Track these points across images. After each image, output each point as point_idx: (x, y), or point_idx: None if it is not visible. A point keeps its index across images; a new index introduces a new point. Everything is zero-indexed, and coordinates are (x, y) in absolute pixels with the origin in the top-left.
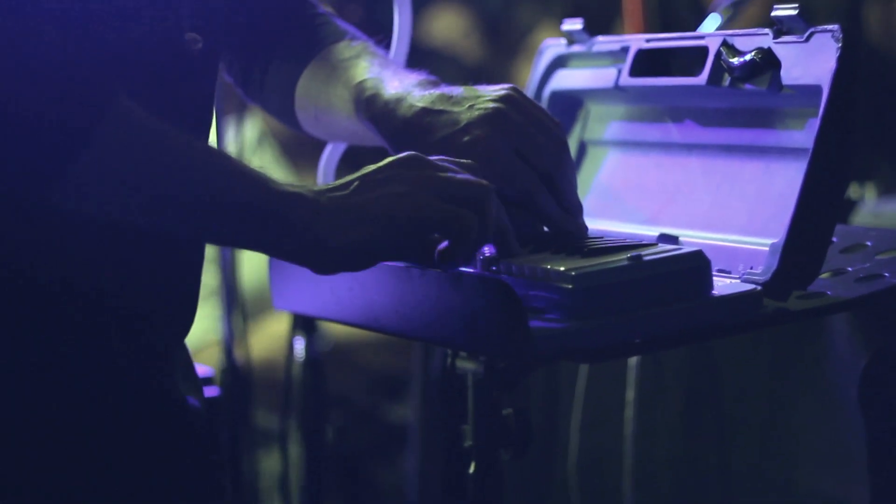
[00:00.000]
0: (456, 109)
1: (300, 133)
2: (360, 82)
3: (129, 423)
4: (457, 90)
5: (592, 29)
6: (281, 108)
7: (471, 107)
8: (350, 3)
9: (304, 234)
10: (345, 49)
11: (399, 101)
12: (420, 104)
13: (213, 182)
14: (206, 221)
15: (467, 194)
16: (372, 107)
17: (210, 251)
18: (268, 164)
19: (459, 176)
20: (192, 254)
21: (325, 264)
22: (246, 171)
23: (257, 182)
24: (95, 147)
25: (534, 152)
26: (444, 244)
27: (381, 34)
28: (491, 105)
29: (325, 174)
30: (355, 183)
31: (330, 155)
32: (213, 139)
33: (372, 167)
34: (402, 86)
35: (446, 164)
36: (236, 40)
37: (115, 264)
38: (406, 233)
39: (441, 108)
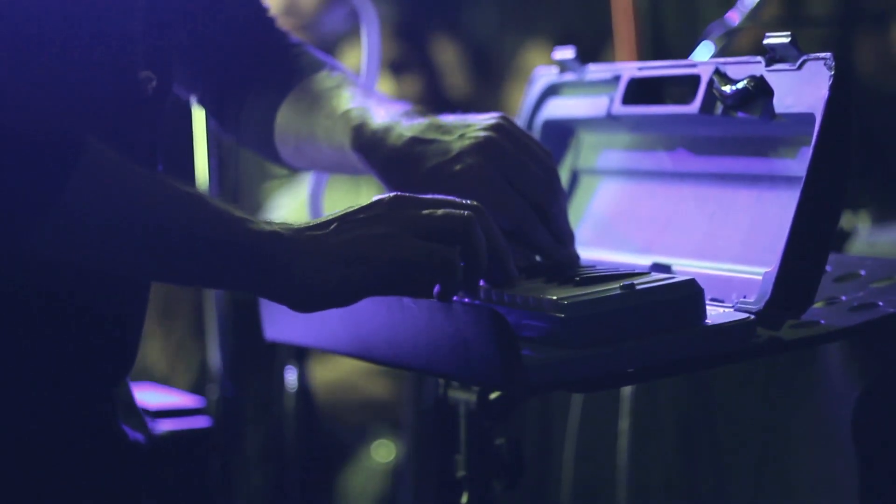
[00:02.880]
0: (446, 138)
1: (279, 165)
2: (346, 112)
3: (65, 459)
4: (447, 119)
5: (584, 56)
6: (259, 140)
7: (461, 136)
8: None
9: (282, 273)
10: (325, 79)
11: (388, 130)
12: (410, 133)
13: (187, 221)
14: (183, 263)
15: (449, 229)
16: (360, 136)
17: None
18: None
19: (441, 211)
20: (134, 299)
21: (303, 303)
22: (222, 210)
23: (233, 221)
24: (71, 191)
25: (525, 181)
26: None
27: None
28: (482, 134)
29: (312, 205)
30: (335, 223)
31: (315, 185)
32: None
33: (353, 207)
34: (389, 115)
35: (429, 200)
36: (211, 74)
37: (54, 307)
38: (386, 275)
39: (431, 137)
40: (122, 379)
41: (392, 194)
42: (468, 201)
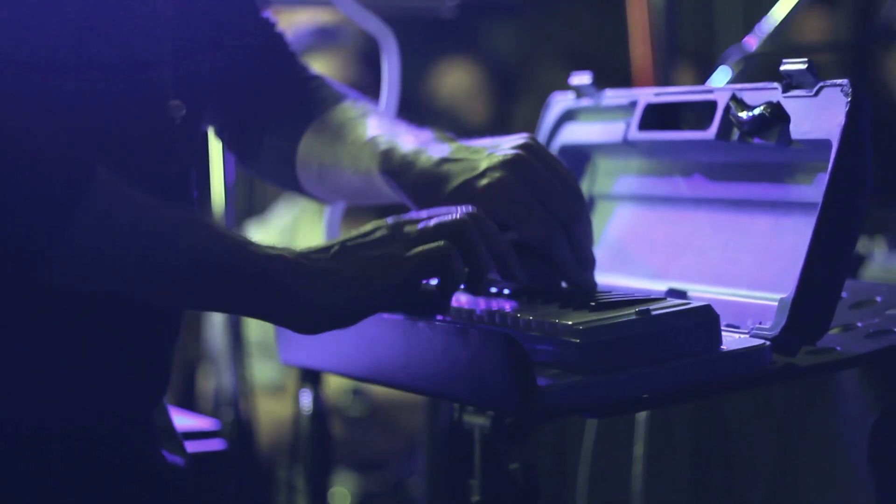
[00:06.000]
0: (474, 157)
1: (300, 195)
2: (373, 138)
3: (105, 483)
4: (475, 141)
5: (601, 82)
6: (280, 171)
7: (490, 154)
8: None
9: (286, 296)
10: (349, 108)
11: (418, 153)
12: (439, 155)
13: (194, 248)
14: (189, 288)
15: (444, 235)
16: (389, 160)
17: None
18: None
19: (433, 222)
20: (167, 318)
21: (308, 325)
22: (226, 235)
23: (237, 246)
24: (79, 223)
25: (552, 199)
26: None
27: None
28: (510, 151)
29: (329, 235)
30: (336, 247)
31: (331, 214)
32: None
33: (354, 232)
34: (418, 140)
35: (423, 214)
36: (231, 107)
37: (88, 334)
38: (389, 295)
39: (460, 156)
40: (157, 401)
41: (391, 218)
42: (463, 207)
